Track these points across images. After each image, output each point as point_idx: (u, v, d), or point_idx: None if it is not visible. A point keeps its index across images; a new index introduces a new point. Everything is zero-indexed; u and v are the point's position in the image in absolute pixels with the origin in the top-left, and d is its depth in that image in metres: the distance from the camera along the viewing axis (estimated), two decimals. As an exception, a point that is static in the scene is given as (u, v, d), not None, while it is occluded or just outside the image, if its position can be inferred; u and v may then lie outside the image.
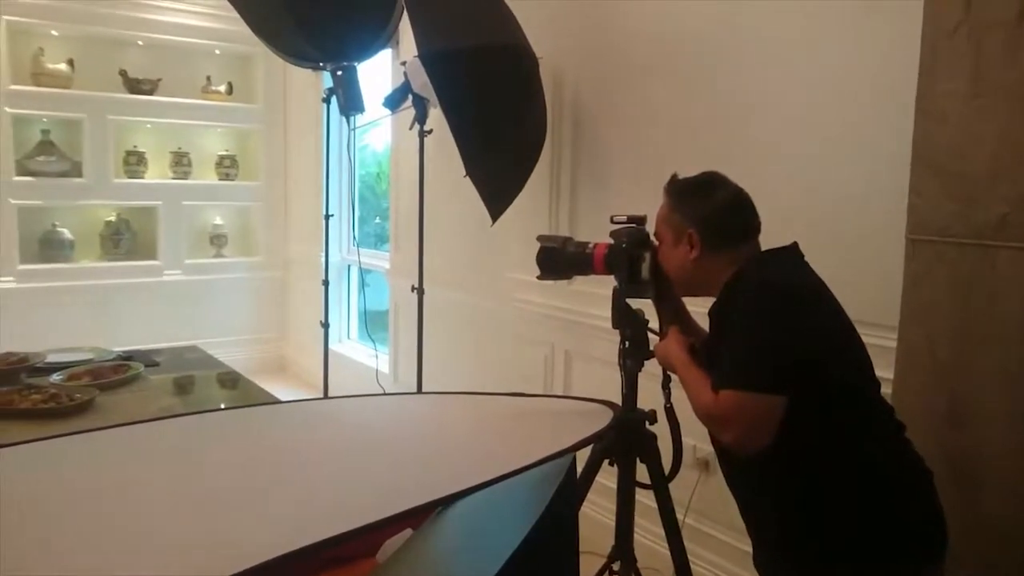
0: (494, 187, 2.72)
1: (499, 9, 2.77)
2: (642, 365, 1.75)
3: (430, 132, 3.22)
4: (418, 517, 1.30)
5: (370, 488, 1.38)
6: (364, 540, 1.50)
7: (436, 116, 3.21)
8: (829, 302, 1.48)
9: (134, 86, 5.13)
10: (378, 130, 5.15)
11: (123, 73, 5.11)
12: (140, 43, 5.20)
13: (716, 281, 1.54)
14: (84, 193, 4.96)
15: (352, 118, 3.97)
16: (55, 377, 2.61)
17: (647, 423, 1.75)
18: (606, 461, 1.78)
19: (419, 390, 3.28)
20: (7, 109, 4.67)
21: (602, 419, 1.70)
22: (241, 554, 1.12)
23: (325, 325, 3.82)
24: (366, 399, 2.32)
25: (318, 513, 1.27)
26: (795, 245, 1.57)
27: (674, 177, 1.66)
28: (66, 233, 4.98)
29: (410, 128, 3.23)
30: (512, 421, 1.82)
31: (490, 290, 3.52)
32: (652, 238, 1.71)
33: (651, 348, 1.74)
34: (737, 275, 1.51)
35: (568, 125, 3.08)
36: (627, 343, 1.75)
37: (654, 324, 1.75)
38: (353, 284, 5.26)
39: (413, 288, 3.33)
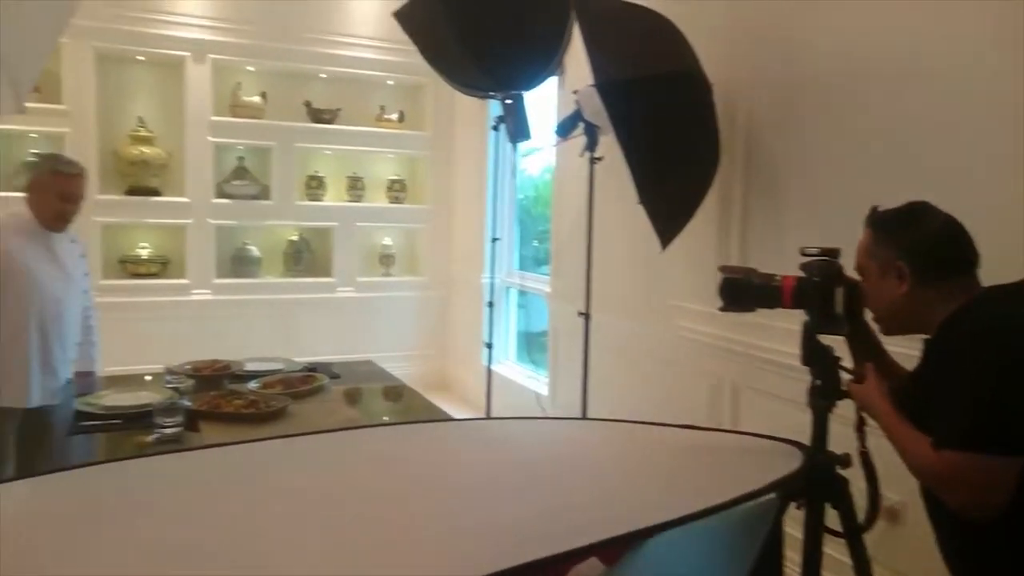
0: (666, 214, 2.71)
1: (674, 37, 2.76)
2: (834, 405, 1.67)
3: (600, 159, 3.25)
4: (606, 547, 1.31)
5: (560, 513, 1.41)
6: (547, 567, 1.53)
7: (606, 143, 3.24)
8: None
9: (317, 116, 5.54)
10: (534, 155, 5.26)
11: (307, 104, 5.53)
12: (323, 76, 5.61)
13: (930, 318, 1.45)
14: (271, 214, 5.40)
15: (518, 145, 4.08)
16: (252, 384, 2.85)
17: (839, 467, 1.66)
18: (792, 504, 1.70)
19: (583, 415, 3.29)
20: (210, 138, 5.18)
21: (790, 459, 1.64)
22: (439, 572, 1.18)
23: (489, 346, 3.92)
24: (539, 422, 2.37)
25: (514, 535, 1.30)
26: None
27: (875, 209, 1.59)
28: (254, 251, 5.45)
29: (580, 155, 3.28)
30: (691, 455, 1.79)
31: (654, 317, 3.48)
32: (851, 273, 1.64)
33: (844, 388, 1.66)
34: (959, 313, 1.41)
35: (740, 153, 3.01)
36: (818, 381, 1.68)
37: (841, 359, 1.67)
38: (512, 306, 5.38)
39: (580, 313, 3.36)
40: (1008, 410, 1.27)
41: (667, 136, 2.62)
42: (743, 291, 1.79)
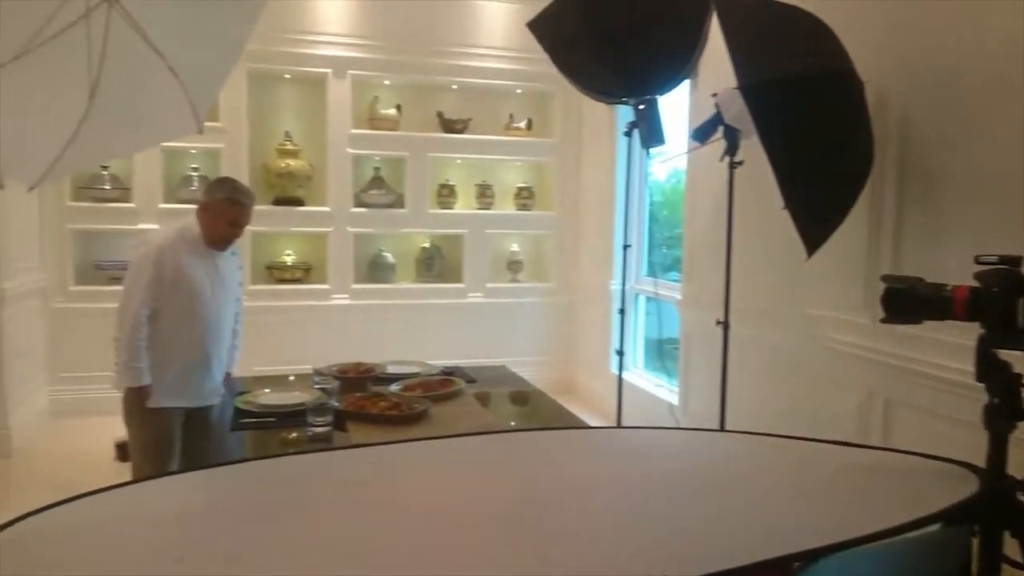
0: (813, 219, 2.59)
1: (823, 33, 2.64)
2: (1014, 426, 1.54)
3: (740, 163, 3.15)
4: (766, 568, 1.26)
5: (712, 530, 1.37)
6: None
7: (746, 147, 3.14)
8: None
9: (448, 126, 5.70)
10: (669, 160, 5.16)
11: (440, 115, 5.69)
12: (455, 87, 5.76)
13: None
14: (405, 222, 5.60)
15: (648, 151, 4.03)
16: (394, 387, 2.95)
17: (1021, 493, 1.53)
18: (964, 530, 1.58)
19: (722, 427, 3.20)
20: (348, 150, 5.43)
21: (963, 483, 1.53)
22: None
23: (620, 353, 3.88)
24: (678, 433, 2.33)
25: (666, 551, 1.28)
26: None
27: None
28: (389, 257, 5.67)
29: (720, 160, 3.19)
30: (850, 474, 1.70)
31: (795, 327, 3.34)
32: (1033, 282, 1.51)
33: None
34: None
35: (893, 153, 2.84)
36: (995, 400, 1.55)
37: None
38: (641, 312, 5.31)
39: (718, 322, 3.27)
40: None
41: (816, 138, 2.50)
42: (908, 301, 1.69)
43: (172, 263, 2.70)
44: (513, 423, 3.02)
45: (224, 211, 2.77)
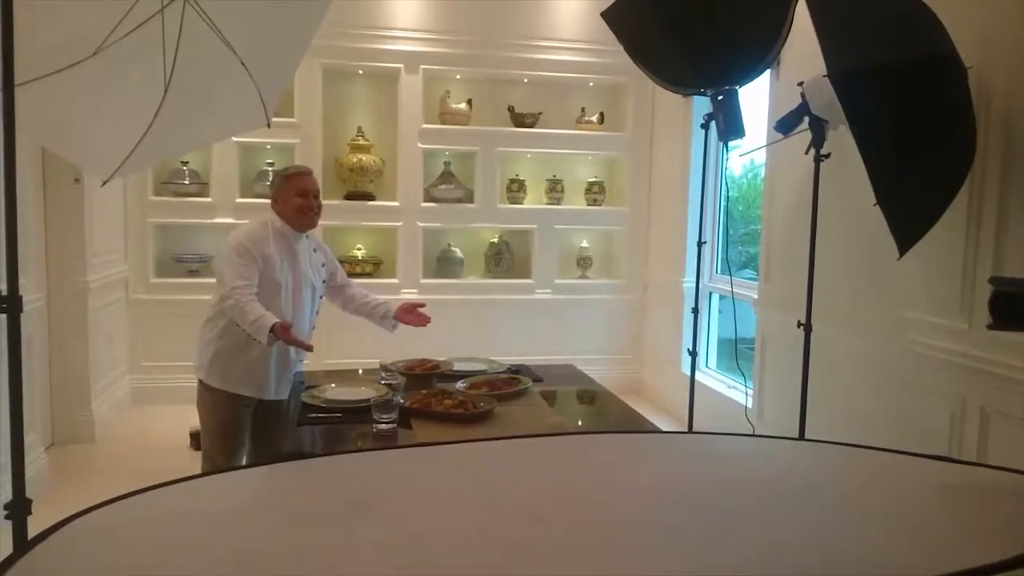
0: (907, 216, 2.41)
1: (922, 15, 2.46)
2: None
3: (827, 156, 2.98)
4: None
5: (790, 556, 1.27)
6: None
7: (833, 139, 2.98)
8: None
9: (519, 120, 5.63)
10: (737, 153, 4.97)
11: (510, 109, 5.63)
12: (526, 80, 5.69)
13: None
14: (474, 217, 5.56)
15: (726, 144, 3.87)
16: (460, 384, 2.91)
17: None
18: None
19: (801, 435, 3.04)
20: (420, 145, 5.43)
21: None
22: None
23: (693, 354, 3.74)
24: (757, 441, 2.21)
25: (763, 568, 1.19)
26: None
27: None
28: (458, 252, 5.65)
29: (805, 152, 3.03)
30: (948, 494, 1.56)
31: (882, 330, 3.15)
32: None
33: None
34: None
35: (996, 145, 2.63)
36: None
37: None
38: (714, 311, 5.15)
39: (799, 324, 3.11)
40: None
41: (912, 129, 2.33)
42: (1020, 305, 1.54)
43: (260, 252, 2.73)
44: (580, 423, 2.94)
45: (287, 188, 2.81)
